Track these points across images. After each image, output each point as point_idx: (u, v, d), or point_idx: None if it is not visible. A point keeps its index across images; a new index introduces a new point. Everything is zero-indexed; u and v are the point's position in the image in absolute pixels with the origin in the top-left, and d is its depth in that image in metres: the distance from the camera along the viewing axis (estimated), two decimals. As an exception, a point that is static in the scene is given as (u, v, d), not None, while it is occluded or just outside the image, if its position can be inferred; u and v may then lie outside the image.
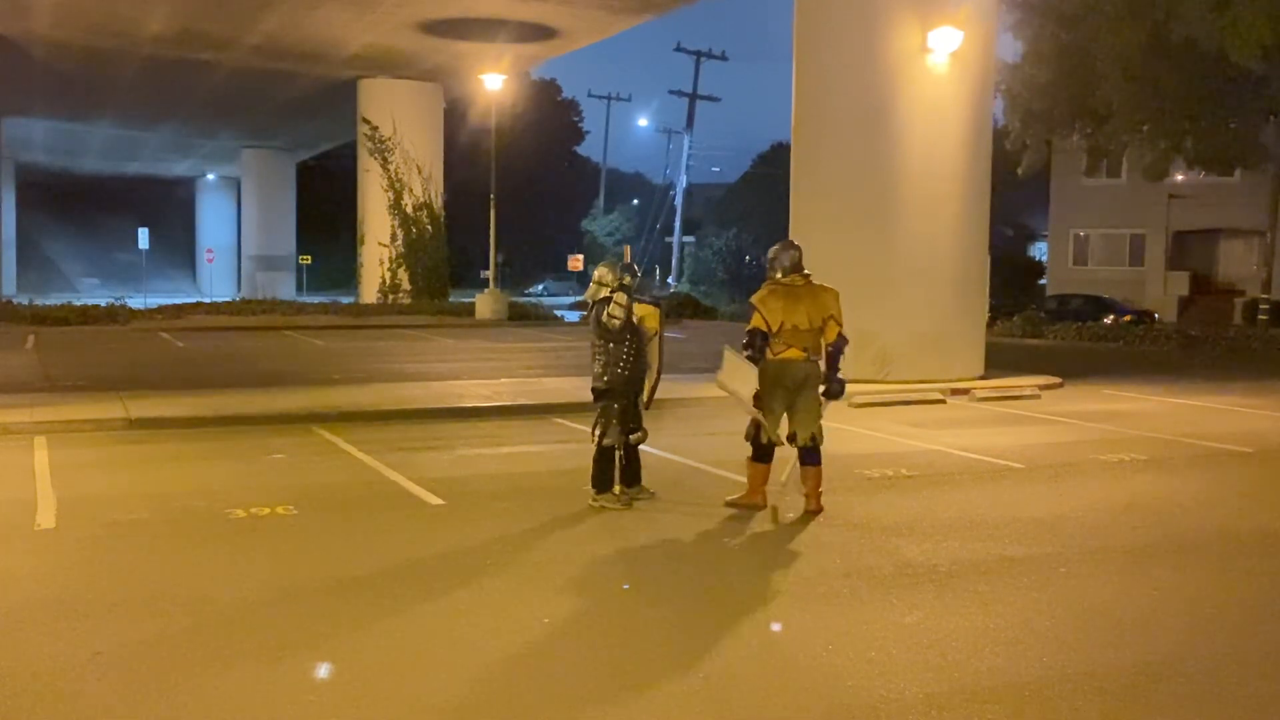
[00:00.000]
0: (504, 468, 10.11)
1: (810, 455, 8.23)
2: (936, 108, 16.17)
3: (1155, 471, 10.22)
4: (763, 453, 8.30)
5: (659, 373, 8.40)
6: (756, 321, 8.11)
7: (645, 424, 8.46)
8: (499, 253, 36.27)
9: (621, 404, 8.21)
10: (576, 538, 7.55)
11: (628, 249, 10.43)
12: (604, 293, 8.19)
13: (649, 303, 8.40)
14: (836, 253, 16.48)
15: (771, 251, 8.41)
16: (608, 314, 8.02)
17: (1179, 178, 32.83)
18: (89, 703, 4.69)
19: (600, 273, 8.32)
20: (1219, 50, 21.87)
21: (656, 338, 8.32)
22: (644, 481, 8.58)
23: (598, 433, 8.26)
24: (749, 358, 8.06)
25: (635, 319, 8.18)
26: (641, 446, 8.55)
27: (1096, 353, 24.48)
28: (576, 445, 10.81)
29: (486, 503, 8.61)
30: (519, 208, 58.60)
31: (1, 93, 38.34)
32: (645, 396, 8.39)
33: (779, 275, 8.24)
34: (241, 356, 20.98)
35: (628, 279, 8.16)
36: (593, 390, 8.34)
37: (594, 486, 8.33)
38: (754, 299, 8.22)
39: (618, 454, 8.31)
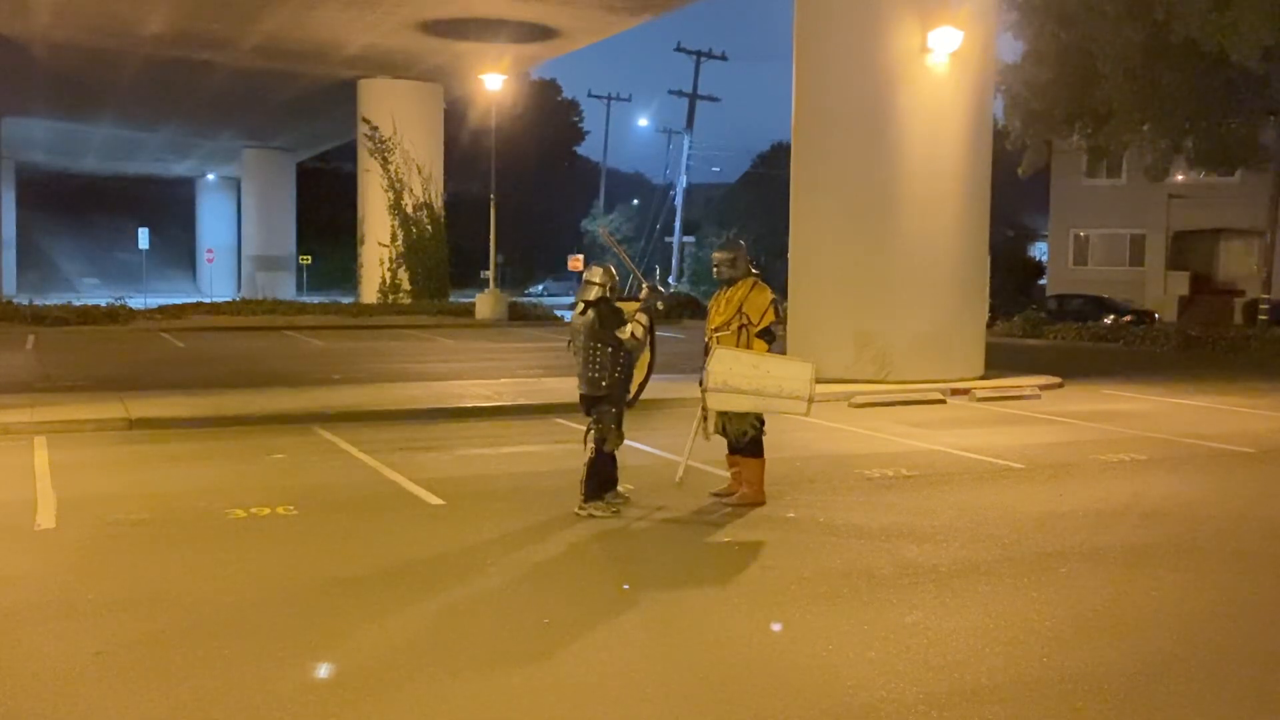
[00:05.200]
0: (504, 468, 10.11)
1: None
2: (936, 108, 16.18)
3: (1155, 471, 10.21)
4: (761, 448, 8.41)
5: (649, 371, 8.32)
6: (772, 315, 8.28)
7: (633, 425, 8.34)
8: (499, 253, 36.26)
9: (618, 408, 8.05)
10: (576, 538, 7.55)
11: (603, 230, 10.32)
12: (594, 292, 7.98)
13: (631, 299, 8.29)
14: (836, 253, 16.54)
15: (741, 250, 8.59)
16: (630, 333, 7.85)
17: (1179, 178, 32.81)
18: (89, 703, 4.69)
19: (591, 272, 8.10)
20: (1219, 50, 21.85)
21: (648, 336, 8.16)
22: (640, 482, 8.57)
23: (596, 440, 8.01)
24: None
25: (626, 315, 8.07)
26: (639, 446, 8.54)
27: (1097, 353, 24.48)
28: (576, 445, 10.77)
29: (486, 503, 8.61)
30: (519, 208, 58.55)
31: (1, 93, 38.33)
32: (632, 394, 8.23)
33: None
34: (242, 356, 20.98)
35: (660, 304, 8.03)
36: (588, 397, 8.08)
37: (586, 495, 8.06)
38: (773, 295, 8.35)
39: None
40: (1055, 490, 9.28)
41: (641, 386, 8.33)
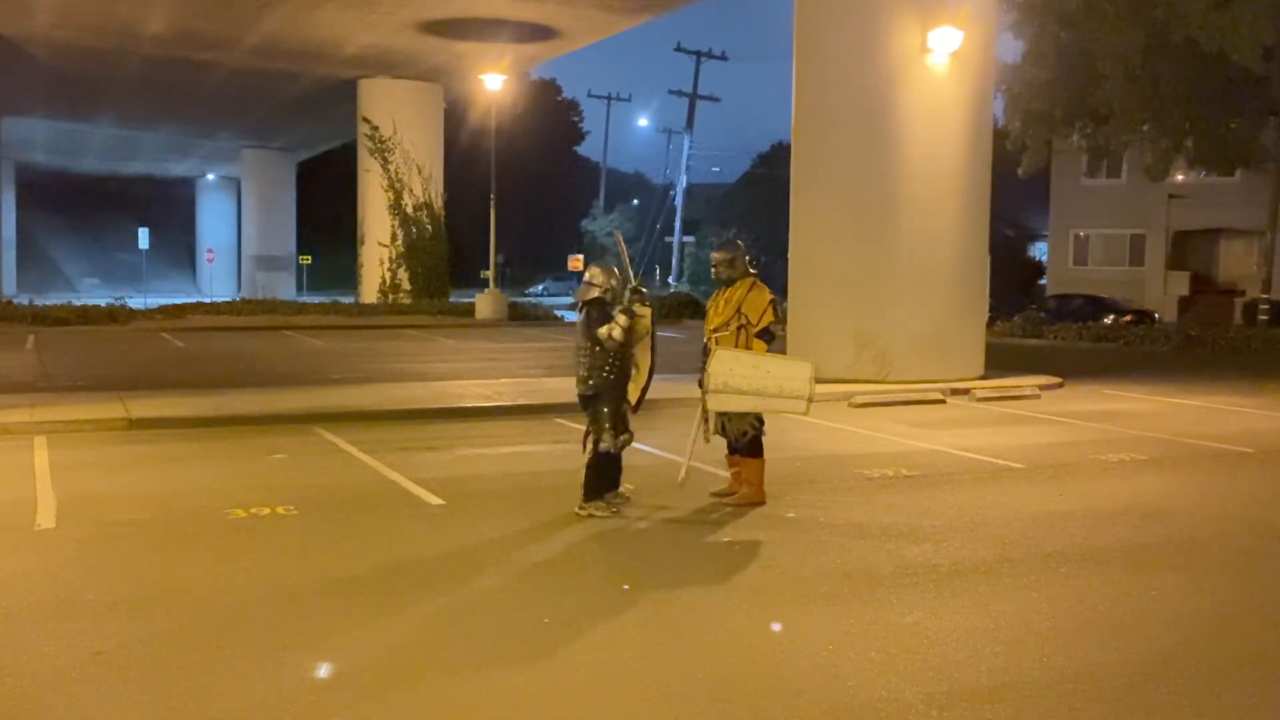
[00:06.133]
0: (504, 468, 10.11)
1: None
2: (936, 108, 16.17)
3: (1155, 471, 10.22)
4: (761, 448, 8.41)
5: (650, 374, 8.26)
6: (771, 315, 8.29)
7: (633, 425, 8.26)
8: (499, 253, 36.27)
9: (611, 407, 8.00)
10: (576, 538, 7.55)
11: (618, 235, 10.25)
12: (594, 293, 7.99)
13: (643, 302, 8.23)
14: (836, 253, 16.54)
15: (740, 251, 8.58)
16: (609, 333, 7.79)
17: (1179, 178, 32.81)
18: (89, 703, 4.69)
19: (591, 273, 8.11)
20: (1219, 50, 21.87)
21: (648, 338, 8.12)
22: (640, 483, 8.54)
23: (591, 440, 8.01)
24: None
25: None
26: (638, 446, 8.51)
27: (1096, 353, 24.48)
28: (576, 445, 10.76)
29: (486, 503, 8.61)
30: (519, 208, 58.57)
31: (1, 93, 38.33)
32: (633, 399, 8.18)
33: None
34: (242, 356, 20.98)
35: (639, 305, 7.90)
36: (581, 396, 8.08)
37: (586, 495, 8.05)
38: (771, 295, 8.36)
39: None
40: (1055, 490, 9.28)
41: (644, 391, 8.28)
